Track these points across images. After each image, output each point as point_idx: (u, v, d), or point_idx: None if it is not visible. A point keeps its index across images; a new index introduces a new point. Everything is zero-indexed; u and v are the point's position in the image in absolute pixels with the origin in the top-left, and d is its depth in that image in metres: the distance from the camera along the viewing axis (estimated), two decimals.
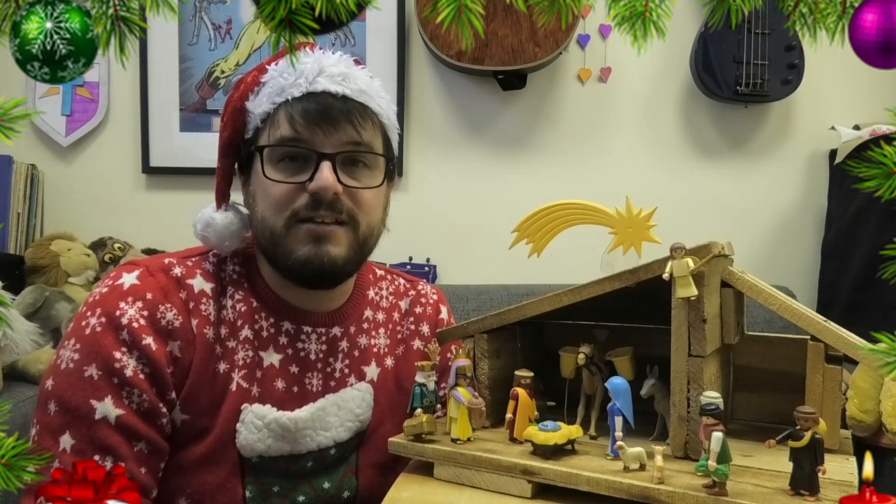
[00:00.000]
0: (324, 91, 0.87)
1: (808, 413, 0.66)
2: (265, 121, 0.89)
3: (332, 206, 0.87)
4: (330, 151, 0.87)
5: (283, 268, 0.90)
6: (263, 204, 0.89)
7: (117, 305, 0.84)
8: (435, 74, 2.21)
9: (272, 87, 0.88)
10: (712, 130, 2.24)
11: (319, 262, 0.87)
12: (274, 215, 0.88)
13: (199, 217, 0.93)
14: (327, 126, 0.87)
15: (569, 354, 0.89)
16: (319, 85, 0.87)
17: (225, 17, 2.18)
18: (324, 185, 0.85)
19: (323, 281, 0.91)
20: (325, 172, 0.86)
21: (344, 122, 0.87)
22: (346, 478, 0.97)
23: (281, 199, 0.88)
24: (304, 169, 0.88)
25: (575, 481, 0.72)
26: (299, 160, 0.88)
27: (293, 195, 0.87)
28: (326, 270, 0.88)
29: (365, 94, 0.90)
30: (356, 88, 0.89)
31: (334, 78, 0.88)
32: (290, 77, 0.87)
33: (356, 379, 0.98)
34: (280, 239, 0.88)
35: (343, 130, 0.87)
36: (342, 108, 0.87)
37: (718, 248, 0.77)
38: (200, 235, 0.93)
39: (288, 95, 0.87)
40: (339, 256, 0.88)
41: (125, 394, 0.82)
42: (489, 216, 2.22)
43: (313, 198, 0.86)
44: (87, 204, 2.21)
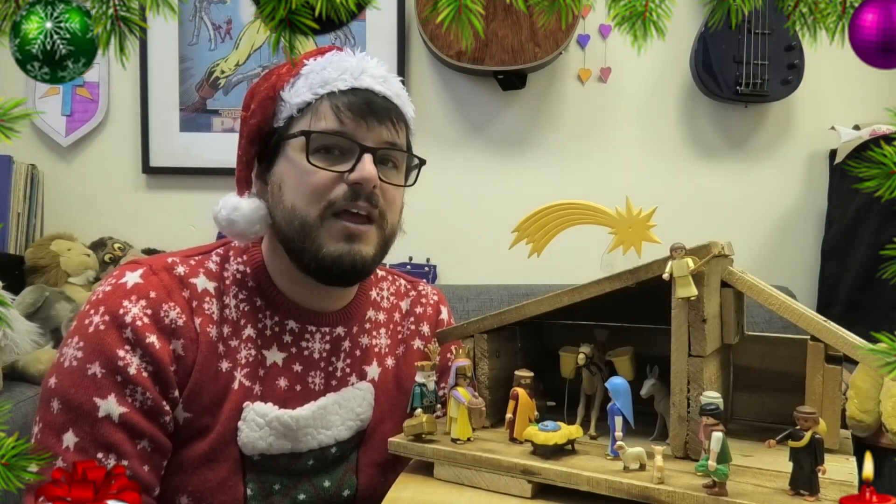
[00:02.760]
0: (367, 88, 0.89)
1: (808, 413, 0.66)
2: (302, 110, 0.90)
3: (370, 199, 0.88)
4: (371, 146, 0.88)
5: (310, 260, 0.88)
6: (294, 193, 0.88)
7: (121, 304, 0.84)
8: (435, 74, 2.21)
9: (314, 79, 0.89)
10: (712, 130, 2.24)
11: (351, 259, 0.88)
12: (308, 205, 0.87)
13: (223, 203, 0.91)
14: (371, 120, 0.88)
15: (569, 354, 0.89)
16: (364, 82, 0.89)
17: (225, 17, 2.18)
18: (367, 175, 0.86)
19: (350, 278, 0.92)
20: (367, 164, 0.87)
21: (385, 119, 0.89)
22: (347, 476, 0.97)
23: (318, 189, 0.87)
24: (342, 160, 0.88)
25: (575, 481, 0.72)
26: (335, 152, 0.88)
27: (331, 185, 0.87)
28: (357, 268, 0.89)
29: (400, 98, 0.93)
30: (393, 92, 0.92)
31: (377, 78, 0.90)
32: (335, 72, 0.89)
33: (357, 378, 0.99)
34: (312, 230, 0.87)
35: (384, 127, 0.89)
36: (384, 107, 0.89)
37: (718, 248, 0.77)
38: (227, 220, 0.90)
39: (333, 87, 0.88)
40: (370, 255, 0.89)
41: (128, 392, 0.82)
42: (489, 216, 2.22)
43: (353, 188, 0.87)
44: (87, 204, 2.21)
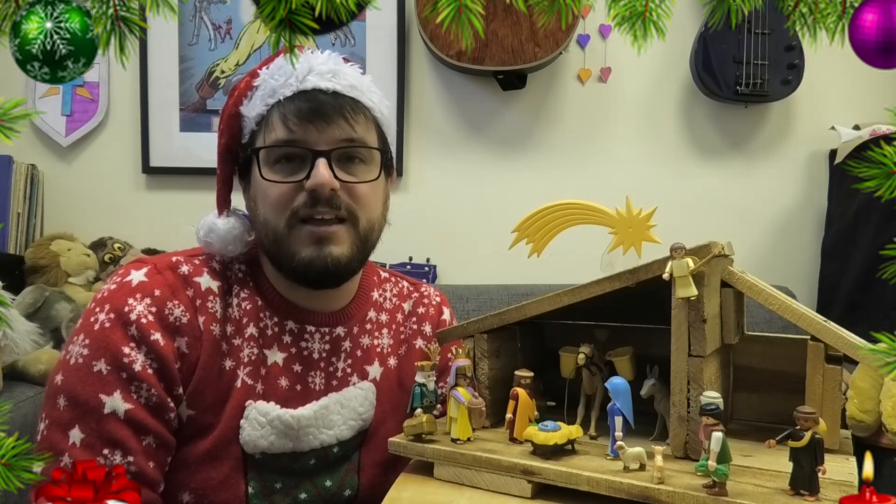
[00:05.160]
0: (314, 88, 0.88)
1: (808, 413, 0.66)
2: (259, 124, 0.90)
3: (331, 203, 0.87)
4: (324, 148, 0.87)
5: (287, 269, 0.90)
6: (264, 206, 0.90)
7: (126, 301, 0.85)
8: (435, 74, 2.21)
9: (264, 90, 0.89)
10: (712, 130, 2.24)
11: (323, 263, 0.88)
12: (275, 216, 0.89)
13: (201, 223, 0.93)
14: (320, 123, 0.87)
15: (569, 354, 0.89)
16: (309, 83, 0.88)
17: (225, 17, 2.18)
18: (320, 181, 0.86)
19: (327, 281, 0.91)
20: (320, 169, 0.86)
21: (336, 117, 0.88)
22: (348, 476, 0.97)
23: (280, 200, 0.88)
24: (300, 168, 0.88)
25: (575, 481, 0.72)
26: (296, 160, 0.88)
27: (292, 195, 0.88)
28: (331, 271, 0.89)
29: (356, 88, 0.90)
30: (346, 84, 0.89)
31: (324, 75, 0.88)
32: (281, 78, 0.88)
33: (359, 378, 0.99)
34: (283, 240, 0.89)
35: (336, 126, 0.88)
36: (333, 104, 0.88)
37: (718, 248, 0.77)
38: (203, 241, 0.93)
39: (280, 96, 0.88)
40: (343, 255, 0.89)
41: (134, 388, 0.83)
42: (489, 216, 2.22)
43: (311, 195, 0.87)
44: (87, 204, 2.21)
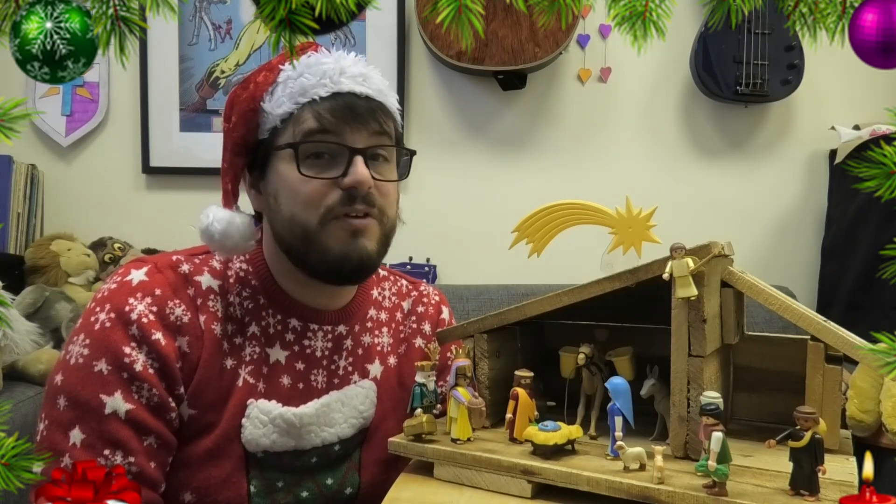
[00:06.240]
0: (349, 91, 0.88)
1: (808, 413, 0.66)
2: (285, 121, 0.89)
3: (367, 200, 0.88)
4: (361, 146, 0.88)
5: (318, 264, 0.89)
6: (291, 203, 0.88)
7: (126, 301, 0.84)
8: (435, 74, 2.21)
9: (293, 88, 0.88)
10: (712, 130, 2.24)
11: (358, 256, 0.88)
12: (305, 213, 0.87)
13: (215, 217, 0.88)
14: (355, 123, 0.88)
15: (569, 354, 0.89)
16: (344, 85, 0.88)
17: (225, 17, 2.18)
18: (360, 178, 0.86)
19: (359, 275, 0.92)
20: (359, 167, 0.86)
21: (369, 119, 0.89)
22: (349, 474, 0.97)
23: (314, 196, 0.87)
24: (332, 165, 0.88)
25: (575, 481, 0.72)
26: (326, 157, 0.88)
27: (326, 191, 0.87)
28: (365, 264, 0.89)
29: (382, 93, 0.92)
30: (375, 88, 0.91)
31: (356, 78, 0.89)
32: (313, 77, 0.88)
33: (360, 376, 0.99)
34: (314, 236, 0.87)
35: (369, 126, 0.89)
36: (367, 107, 0.89)
37: (718, 248, 0.77)
38: (221, 233, 0.88)
39: (313, 95, 0.87)
40: (373, 250, 0.89)
41: (135, 388, 0.83)
42: (489, 216, 2.21)
43: (348, 192, 0.87)
44: (87, 204, 2.21)
